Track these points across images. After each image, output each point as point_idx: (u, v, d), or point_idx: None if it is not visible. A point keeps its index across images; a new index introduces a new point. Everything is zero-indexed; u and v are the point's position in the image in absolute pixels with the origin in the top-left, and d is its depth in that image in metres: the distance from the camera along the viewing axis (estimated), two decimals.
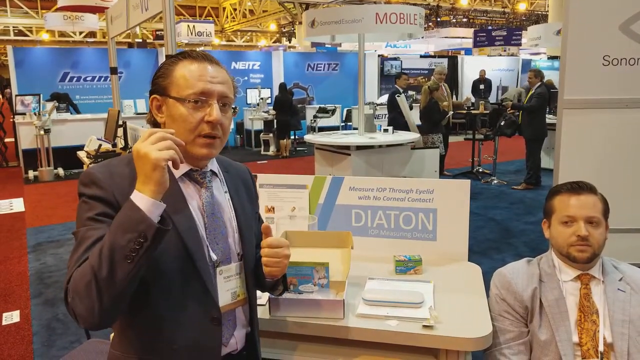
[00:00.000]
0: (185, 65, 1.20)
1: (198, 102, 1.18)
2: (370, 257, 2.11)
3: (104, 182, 1.14)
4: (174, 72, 1.20)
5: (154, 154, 1.02)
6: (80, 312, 1.02)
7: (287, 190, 2.30)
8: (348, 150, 5.92)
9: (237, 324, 1.30)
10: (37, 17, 23.81)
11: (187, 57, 1.22)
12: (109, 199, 1.12)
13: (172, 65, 1.21)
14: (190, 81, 1.18)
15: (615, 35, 2.90)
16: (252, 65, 13.23)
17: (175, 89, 1.19)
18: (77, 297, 1.02)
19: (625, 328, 1.51)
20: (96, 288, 1.00)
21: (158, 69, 1.24)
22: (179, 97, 1.18)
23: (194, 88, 1.18)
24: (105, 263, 0.99)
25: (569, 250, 1.59)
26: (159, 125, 1.24)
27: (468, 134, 9.56)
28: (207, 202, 1.24)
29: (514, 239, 5.20)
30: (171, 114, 1.20)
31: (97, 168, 1.18)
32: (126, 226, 1.00)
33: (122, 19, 5.63)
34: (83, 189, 1.15)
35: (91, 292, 1.00)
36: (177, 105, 1.18)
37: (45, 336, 3.34)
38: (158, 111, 1.23)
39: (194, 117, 1.18)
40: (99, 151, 5.00)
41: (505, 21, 25.01)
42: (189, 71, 1.19)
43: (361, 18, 5.59)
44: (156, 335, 1.17)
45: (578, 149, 3.06)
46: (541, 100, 7.02)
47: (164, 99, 1.21)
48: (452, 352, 1.55)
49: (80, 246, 1.08)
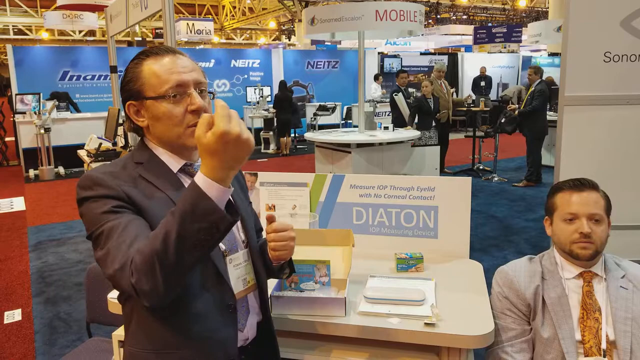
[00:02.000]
0: (151, 63, 1.19)
1: (177, 96, 1.17)
2: (371, 254, 2.11)
3: (109, 181, 1.12)
4: (142, 73, 1.18)
5: (253, 139, 0.95)
6: (146, 291, 0.99)
7: (287, 188, 2.30)
8: (348, 148, 5.92)
9: (250, 311, 1.31)
10: (36, 16, 23.82)
11: (150, 55, 1.20)
12: (119, 196, 1.10)
13: (138, 67, 1.19)
14: (163, 77, 1.17)
15: (616, 31, 2.90)
16: (252, 63, 13.22)
17: (149, 89, 1.17)
18: (145, 278, 0.98)
19: (628, 325, 1.51)
20: (162, 273, 0.97)
21: (125, 75, 1.21)
22: (156, 95, 1.17)
23: (169, 82, 1.16)
24: (172, 250, 0.95)
25: (572, 248, 1.59)
26: (141, 130, 1.23)
27: (468, 132, 9.57)
28: None
29: (515, 236, 5.20)
30: (153, 114, 1.18)
31: (96, 171, 1.15)
32: (196, 215, 0.95)
33: (121, 17, 5.62)
34: (86, 192, 1.12)
35: (156, 275, 0.97)
36: (157, 104, 1.17)
37: (47, 335, 3.34)
38: (137, 116, 1.21)
39: (178, 111, 1.17)
40: (99, 150, 5.00)
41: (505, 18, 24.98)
42: (158, 67, 1.18)
43: (361, 15, 5.59)
44: (175, 327, 1.17)
45: (579, 146, 3.05)
46: (543, 97, 7.01)
47: (141, 102, 1.19)
48: (454, 350, 1.55)
49: (112, 234, 1.05)
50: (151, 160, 1.22)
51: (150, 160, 1.22)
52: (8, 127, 10.14)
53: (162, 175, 1.20)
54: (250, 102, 11.92)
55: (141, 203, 1.12)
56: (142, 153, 1.23)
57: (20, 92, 9.38)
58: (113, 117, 5.37)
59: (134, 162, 1.21)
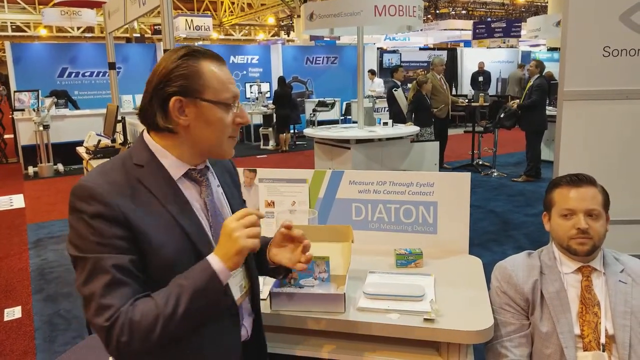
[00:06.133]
0: (210, 65, 1.16)
1: (232, 106, 1.18)
2: (370, 250, 2.11)
3: (107, 197, 1.07)
4: (204, 74, 1.14)
5: (243, 242, 1.07)
6: (132, 351, 1.02)
7: (287, 184, 2.30)
8: (348, 143, 5.92)
9: (244, 314, 1.31)
10: (34, 12, 23.74)
11: (206, 57, 1.16)
12: (115, 217, 1.06)
13: (195, 64, 1.14)
14: (225, 85, 1.17)
15: (615, 25, 2.89)
16: (251, 59, 13.20)
17: (210, 91, 1.14)
18: (138, 341, 1.02)
19: (627, 320, 1.51)
20: (160, 336, 1.03)
21: (173, 67, 1.13)
22: (217, 100, 1.15)
23: (230, 92, 1.17)
24: (178, 318, 1.04)
25: (569, 243, 1.59)
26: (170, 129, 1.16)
27: (468, 127, 9.56)
28: (209, 202, 1.23)
29: (514, 231, 5.20)
30: (206, 117, 1.15)
31: (93, 180, 1.10)
32: (206, 293, 1.06)
33: (119, 13, 5.61)
34: (81, 205, 1.06)
35: (152, 338, 1.02)
36: (215, 109, 1.15)
37: (47, 332, 3.35)
38: (180, 113, 1.14)
39: (229, 120, 1.18)
40: (98, 146, 4.99)
41: (504, 13, 24.95)
42: (220, 73, 1.17)
43: (360, 11, 5.57)
44: (181, 342, 1.14)
45: (578, 141, 3.05)
46: (541, 92, 7.01)
47: (194, 100, 1.14)
48: (454, 345, 1.55)
49: (96, 278, 1.03)
50: (151, 163, 1.16)
51: (151, 163, 1.16)
52: (7, 124, 10.13)
53: (162, 183, 1.16)
54: (249, 98, 11.91)
55: (138, 226, 1.08)
56: (142, 153, 1.18)
57: (19, 89, 9.37)
58: (112, 114, 5.36)
59: (133, 163, 1.15)
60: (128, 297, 1.03)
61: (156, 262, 1.09)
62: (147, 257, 1.09)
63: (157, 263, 1.10)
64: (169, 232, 1.12)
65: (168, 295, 1.04)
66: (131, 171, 1.14)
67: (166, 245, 1.10)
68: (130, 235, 1.07)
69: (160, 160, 1.17)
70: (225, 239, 1.08)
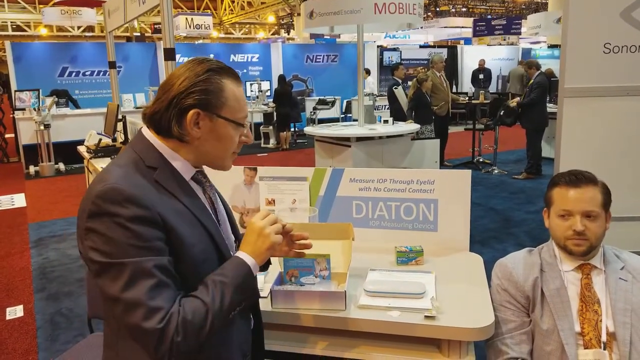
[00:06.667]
0: (232, 84, 1.19)
1: (243, 125, 1.24)
2: (371, 248, 2.12)
3: (143, 199, 1.06)
4: (225, 93, 1.17)
5: (273, 238, 1.18)
6: (187, 350, 1.03)
7: (287, 182, 2.30)
8: (348, 141, 5.91)
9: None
10: (34, 12, 23.74)
11: (230, 75, 1.20)
12: (153, 219, 1.05)
13: (220, 82, 1.16)
14: (241, 104, 1.21)
15: (616, 22, 2.89)
16: (251, 57, 13.18)
17: (228, 110, 1.18)
18: (192, 338, 1.03)
19: (627, 317, 1.51)
20: (211, 331, 1.07)
21: (200, 81, 1.14)
22: (233, 119, 1.20)
23: (243, 112, 1.23)
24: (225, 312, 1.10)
25: (566, 243, 1.59)
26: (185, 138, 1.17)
27: (468, 124, 9.54)
28: (215, 202, 1.28)
29: (515, 228, 5.20)
30: (218, 133, 1.18)
31: (122, 182, 1.06)
32: (245, 288, 1.14)
33: (119, 12, 5.61)
34: (115, 209, 1.03)
35: (203, 333, 1.06)
36: (228, 126, 1.19)
37: (49, 330, 3.36)
38: (194, 125, 1.15)
39: (237, 138, 1.23)
40: (99, 145, 5.00)
41: (504, 10, 24.91)
42: (239, 94, 1.21)
43: (360, 9, 5.57)
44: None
45: (579, 138, 3.05)
46: (541, 90, 7.01)
47: (211, 115, 1.16)
48: (455, 343, 1.55)
49: (139, 282, 1.01)
50: (164, 165, 1.16)
51: (163, 165, 1.16)
52: (8, 123, 10.14)
53: (180, 185, 1.17)
54: (249, 97, 11.90)
55: (172, 226, 1.09)
56: (152, 155, 1.16)
57: (20, 88, 9.37)
58: (112, 113, 5.37)
59: (147, 165, 1.14)
60: (173, 298, 1.05)
61: (188, 261, 1.11)
62: (180, 257, 1.10)
63: (188, 262, 1.12)
64: (195, 231, 1.15)
65: (213, 293, 1.08)
66: (147, 173, 1.13)
67: (196, 244, 1.13)
68: (166, 236, 1.08)
69: (171, 163, 1.18)
70: (255, 237, 1.18)
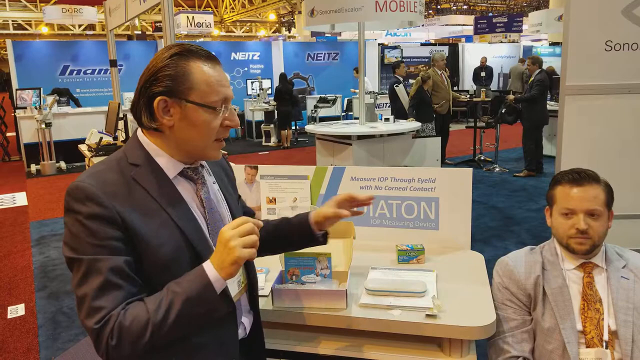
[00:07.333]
0: (201, 66, 1.13)
1: (219, 109, 1.15)
2: (372, 246, 2.11)
3: (102, 197, 1.05)
4: (192, 76, 1.11)
5: (238, 252, 1.04)
6: (123, 355, 1.02)
7: (288, 181, 2.30)
8: (349, 140, 5.90)
9: (242, 311, 1.30)
10: (35, 10, 23.77)
11: (197, 56, 1.14)
12: (111, 218, 1.05)
13: (185, 65, 1.12)
14: (214, 87, 1.13)
15: (617, 19, 2.88)
16: (252, 55, 13.17)
17: (197, 94, 1.12)
18: (127, 346, 1.01)
19: (629, 315, 1.51)
20: (149, 343, 1.02)
21: (162, 66, 1.11)
22: (203, 103, 1.12)
23: (219, 95, 1.14)
24: (169, 325, 1.03)
25: (568, 242, 1.58)
26: (155, 128, 1.14)
27: (469, 122, 9.53)
28: (205, 199, 1.22)
29: (516, 226, 5.20)
30: (190, 119, 1.13)
31: (88, 180, 1.08)
32: (199, 302, 1.04)
33: (120, 10, 5.61)
34: (77, 206, 1.05)
35: (141, 343, 1.02)
36: (199, 111, 1.13)
37: (51, 329, 3.36)
38: (164, 113, 1.13)
39: (216, 123, 1.15)
40: (100, 144, 5.00)
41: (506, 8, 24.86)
42: (210, 75, 1.13)
43: (361, 6, 5.55)
44: (178, 340, 1.12)
45: (580, 136, 3.04)
46: (541, 87, 7.00)
47: (179, 101, 1.12)
48: (456, 341, 1.55)
49: (90, 279, 1.03)
50: (147, 162, 1.15)
51: (146, 162, 1.15)
52: (9, 122, 10.15)
53: (158, 182, 1.14)
54: (250, 95, 11.89)
55: (134, 226, 1.07)
56: (137, 152, 1.16)
57: (21, 87, 9.37)
58: (113, 112, 5.37)
59: (129, 162, 1.14)
60: (120, 300, 1.03)
61: (153, 262, 1.09)
62: (143, 257, 1.08)
63: (154, 263, 1.09)
64: (166, 231, 1.11)
65: (160, 301, 1.03)
66: (126, 171, 1.13)
67: (164, 244, 1.10)
68: (126, 236, 1.06)
69: (155, 160, 1.16)
70: (221, 247, 1.05)
